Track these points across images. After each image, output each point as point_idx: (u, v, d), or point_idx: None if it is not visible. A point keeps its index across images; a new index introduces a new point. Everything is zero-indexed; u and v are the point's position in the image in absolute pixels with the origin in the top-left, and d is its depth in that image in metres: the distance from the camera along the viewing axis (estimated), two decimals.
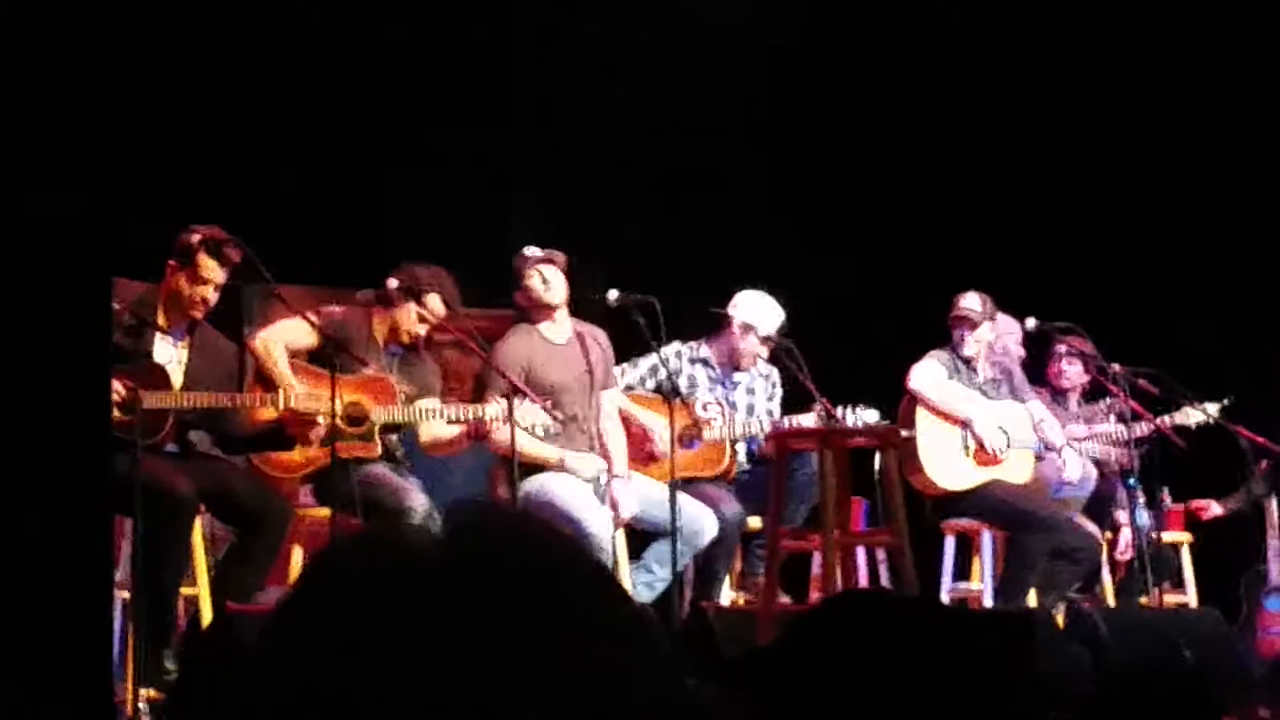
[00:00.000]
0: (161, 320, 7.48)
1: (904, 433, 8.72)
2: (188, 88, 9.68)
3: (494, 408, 7.93)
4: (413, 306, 8.02)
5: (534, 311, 8.49)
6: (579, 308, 8.66)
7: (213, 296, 7.47)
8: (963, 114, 11.55)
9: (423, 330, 8.11)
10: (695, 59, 11.67)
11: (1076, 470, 9.28)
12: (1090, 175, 11.48)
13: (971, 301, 9.24)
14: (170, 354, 7.51)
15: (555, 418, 8.05)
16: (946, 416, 9.10)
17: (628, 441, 8.75)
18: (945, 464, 9.08)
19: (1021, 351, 9.73)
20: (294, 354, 7.87)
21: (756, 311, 9.16)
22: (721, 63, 11.64)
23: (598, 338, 8.67)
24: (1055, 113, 11.55)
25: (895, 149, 11.60)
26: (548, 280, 8.45)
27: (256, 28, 10.06)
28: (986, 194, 11.42)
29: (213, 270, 7.40)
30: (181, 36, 9.67)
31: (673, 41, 11.64)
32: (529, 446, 8.10)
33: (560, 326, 8.53)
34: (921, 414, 9.08)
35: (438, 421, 8.08)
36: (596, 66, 11.52)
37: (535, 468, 8.26)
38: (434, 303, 8.05)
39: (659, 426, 8.67)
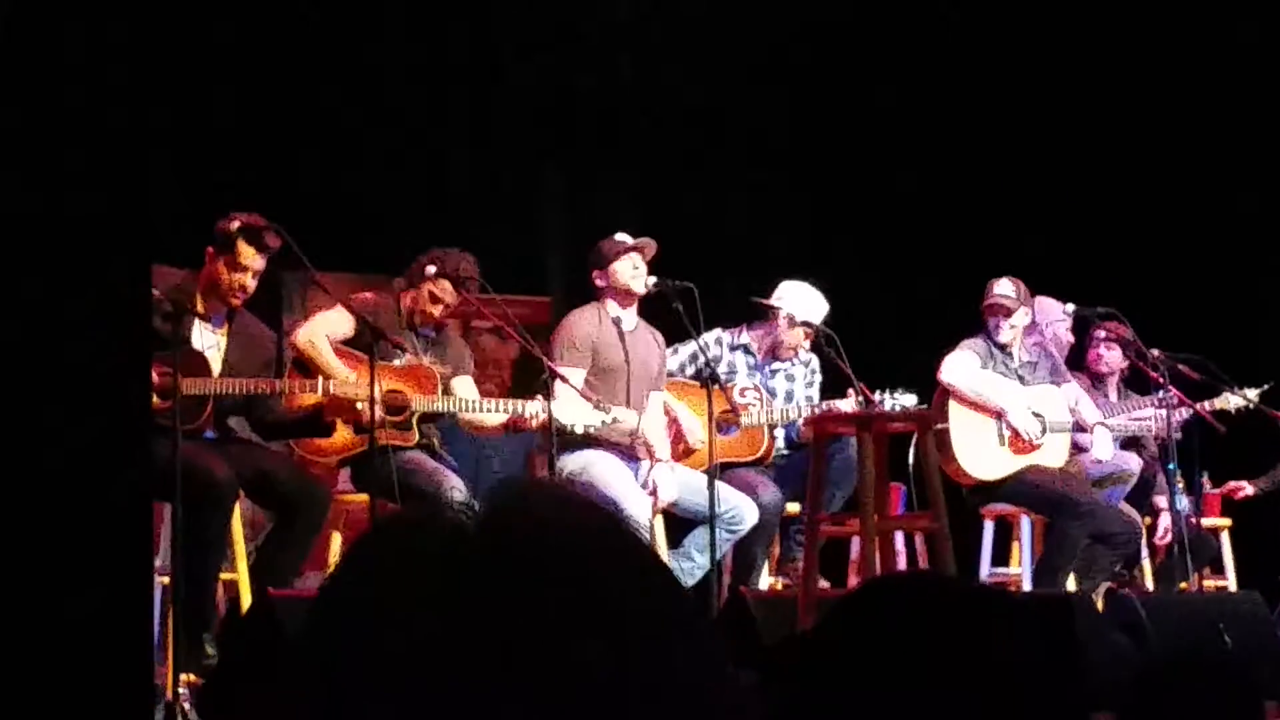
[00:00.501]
0: (200, 307, 7.49)
1: (937, 425, 8.70)
2: (225, 76, 9.71)
3: (534, 405, 7.94)
4: (427, 287, 8.06)
5: (613, 295, 8.53)
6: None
7: (251, 284, 7.48)
8: (1001, 100, 11.53)
9: (437, 311, 8.13)
10: (728, 45, 11.66)
11: (1107, 450, 9.25)
12: (1129, 161, 11.45)
13: (1005, 288, 9.20)
14: (209, 340, 7.53)
15: (605, 412, 8.07)
16: (980, 407, 9.07)
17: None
18: (980, 454, 9.06)
19: (1071, 338, 9.72)
20: (336, 343, 7.91)
21: (803, 304, 9.14)
22: (756, 47, 11.63)
23: (656, 337, 8.73)
24: (1092, 99, 11.53)
25: (935, 134, 11.59)
26: (636, 268, 8.50)
27: (287, 22, 10.09)
28: (1025, 179, 11.40)
29: (252, 258, 7.41)
30: (218, 25, 9.69)
31: (704, 27, 11.64)
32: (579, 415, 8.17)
33: (629, 315, 8.58)
34: (954, 405, 9.05)
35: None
36: (628, 52, 11.54)
37: (578, 447, 8.30)
38: (448, 285, 8.09)
39: (694, 425, 8.70)
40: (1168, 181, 11.33)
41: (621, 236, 8.59)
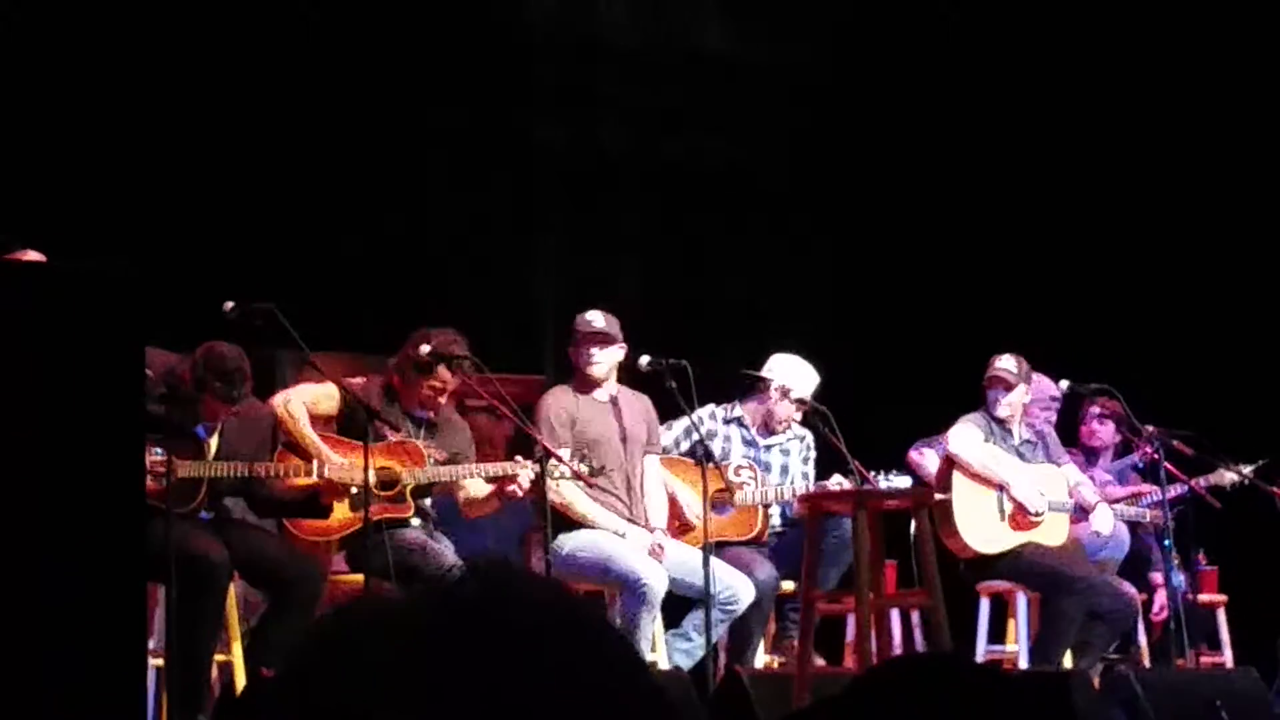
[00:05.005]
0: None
1: (938, 495, 8.69)
2: (217, 163, 9.73)
3: (525, 471, 7.91)
4: (426, 381, 8.01)
5: (579, 373, 8.52)
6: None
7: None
8: (997, 177, 11.56)
9: (442, 400, 8.11)
10: (726, 110, 11.70)
11: (1108, 524, 9.21)
12: (1123, 237, 11.48)
13: (1007, 363, 9.20)
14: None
15: (589, 469, 8.05)
16: (984, 480, 9.06)
17: None
18: (981, 527, 9.04)
19: (1054, 417, 9.67)
20: (319, 419, 7.87)
21: (793, 375, 9.14)
22: (753, 117, 11.68)
23: (642, 402, 8.68)
24: (1090, 176, 11.57)
25: (929, 209, 11.62)
26: (594, 356, 8.46)
27: (274, 100, 10.12)
28: (1019, 257, 11.42)
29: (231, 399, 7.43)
30: (206, 104, 9.73)
31: (702, 91, 11.67)
32: (587, 510, 8.21)
33: (604, 387, 8.56)
34: (958, 477, 9.04)
35: (472, 482, 8.07)
36: (623, 117, 11.57)
37: (575, 526, 8.30)
38: (444, 370, 8.06)
39: (690, 498, 8.68)
40: (1161, 257, 11.35)
41: (592, 315, 8.56)
